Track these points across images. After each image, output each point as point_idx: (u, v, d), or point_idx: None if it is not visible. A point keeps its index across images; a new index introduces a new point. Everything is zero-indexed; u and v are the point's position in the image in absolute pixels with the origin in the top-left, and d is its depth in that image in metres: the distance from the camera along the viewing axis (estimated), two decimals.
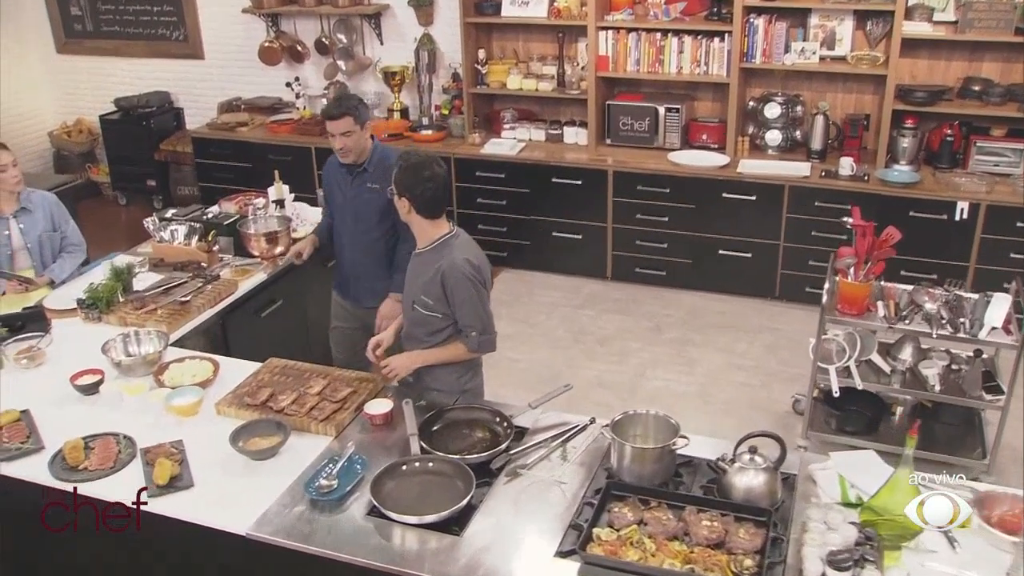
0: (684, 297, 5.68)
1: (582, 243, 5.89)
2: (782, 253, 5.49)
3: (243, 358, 3.68)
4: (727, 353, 5.05)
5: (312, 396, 3.00)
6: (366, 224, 3.63)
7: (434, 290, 2.95)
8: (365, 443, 2.83)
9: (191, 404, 2.97)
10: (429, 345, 3.06)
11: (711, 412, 4.53)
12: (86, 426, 2.91)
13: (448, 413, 2.93)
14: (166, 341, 3.31)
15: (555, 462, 2.76)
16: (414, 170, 2.87)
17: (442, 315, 2.98)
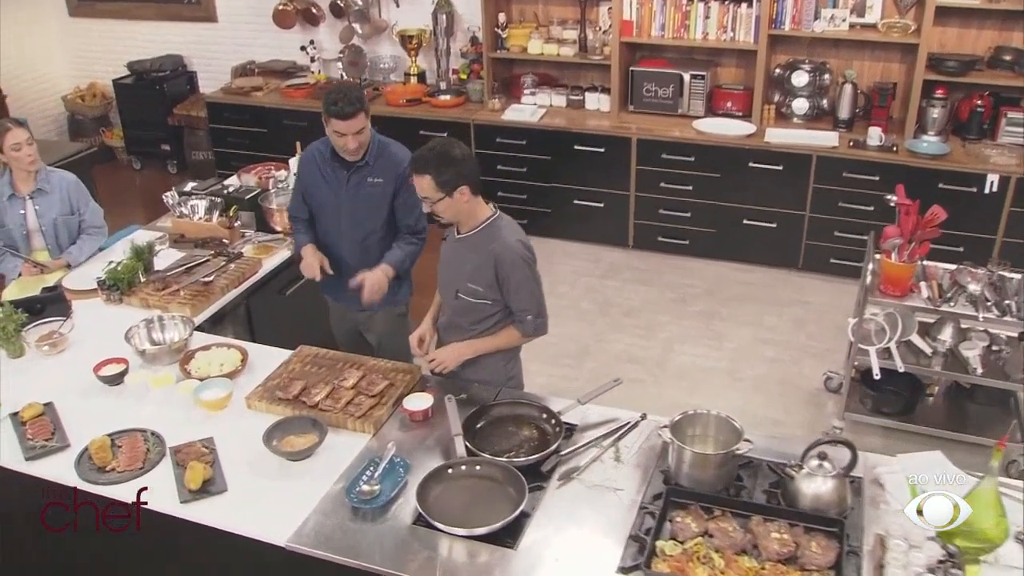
0: (707, 267, 5.40)
1: (603, 211, 5.59)
2: (807, 224, 5.19)
3: (267, 339, 3.46)
4: (755, 327, 4.78)
5: (347, 390, 2.74)
6: (367, 223, 3.17)
7: (485, 276, 2.68)
8: (405, 442, 2.58)
9: (221, 399, 2.71)
10: (476, 334, 2.80)
11: (741, 389, 4.27)
12: (111, 420, 2.67)
13: (493, 409, 2.67)
14: (191, 328, 3.03)
15: (608, 463, 2.51)
16: (448, 157, 2.55)
17: (492, 301, 2.72)
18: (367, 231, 3.18)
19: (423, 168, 2.55)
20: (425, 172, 2.55)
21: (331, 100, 2.93)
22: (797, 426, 4.00)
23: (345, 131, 2.97)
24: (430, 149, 2.56)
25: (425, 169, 2.54)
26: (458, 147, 2.58)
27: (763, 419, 4.04)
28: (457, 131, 5.61)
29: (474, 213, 2.64)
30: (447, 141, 2.60)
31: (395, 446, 2.51)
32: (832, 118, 5.31)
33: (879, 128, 5.03)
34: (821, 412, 4.11)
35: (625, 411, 2.72)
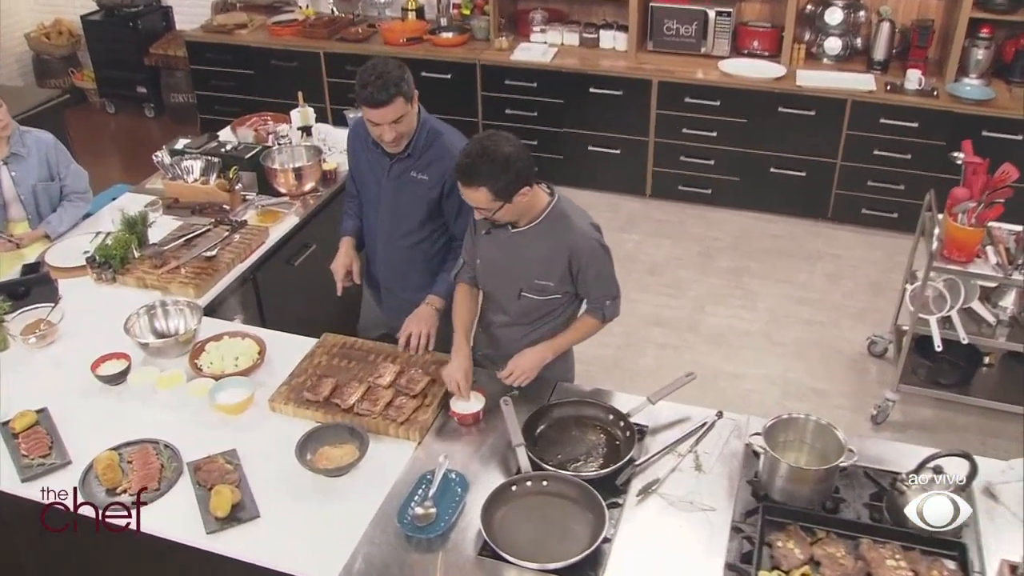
0: (731, 218, 5.07)
1: (620, 158, 5.21)
2: (838, 172, 4.86)
3: (278, 317, 3.16)
4: (787, 284, 4.49)
5: (384, 389, 2.39)
6: (404, 223, 2.70)
7: (556, 269, 2.35)
8: (455, 452, 2.26)
9: (241, 403, 2.36)
10: (545, 330, 2.48)
11: (780, 355, 4.00)
12: (115, 429, 2.31)
13: (553, 411, 2.36)
14: (199, 315, 2.64)
15: (688, 473, 2.21)
16: (500, 161, 2.13)
17: (563, 294, 2.41)
18: (402, 231, 2.73)
19: (474, 180, 2.15)
20: (478, 184, 2.15)
21: (361, 82, 2.41)
22: (843, 396, 3.74)
23: (378, 120, 2.47)
24: (478, 156, 2.14)
25: (477, 181, 2.15)
26: (506, 142, 2.16)
27: (806, 389, 3.78)
28: (463, 72, 5.17)
29: (533, 205, 2.29)
30: (492, 140, 2.16)
31: (447, 459, 2.18)
32: (866, 59, 4.93)
33: (918, 70, 4.65)
34: (866, 379, 3.85)
35: (698, 408, 2.41)
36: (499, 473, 2.19)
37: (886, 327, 3.97)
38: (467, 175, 2.15)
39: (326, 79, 5.49)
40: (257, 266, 3.12)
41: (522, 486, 2.10)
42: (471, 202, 2.23)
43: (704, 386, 3.69)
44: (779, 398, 3.71)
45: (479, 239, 2.43)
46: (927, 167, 4.61)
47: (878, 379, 3.81)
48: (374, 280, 2.92)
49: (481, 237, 2.41)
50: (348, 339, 2.65)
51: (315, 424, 2.31)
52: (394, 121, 2.48)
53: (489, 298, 2.52)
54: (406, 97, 2.48)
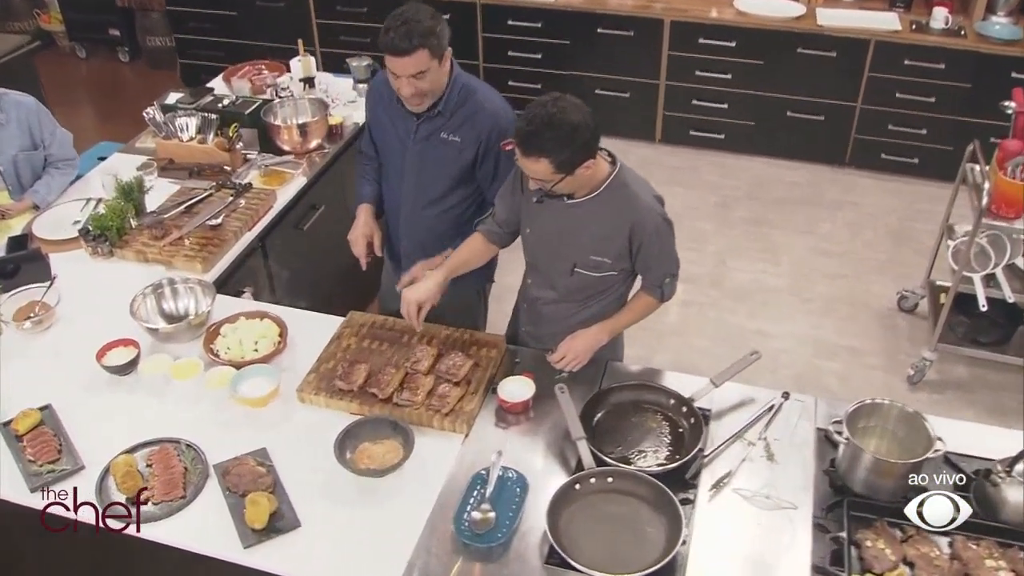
0: (746, 164, 4.86)
1: (629, 102, 4.94)
2: (858, 116, 4.63)
3: (290, 287, 2.96)
4: (810, 236, 4.31)
5: (424, 376, 2.18)
6: (431, 189, 2.45)
7: (615, 245, 2.14)
8: (507, 444, 2.06)
9: (266, 395, 2.14)
10: (594, 309, 2.28)
11: (809, 311, 3.84)
12: (128, 427, 2.09)
13: (610, 396, 2.17)
14: (212, 294, 2.40)
15: (760, 463, 2.04)
16: (567, 129, 1.88)
17: (619, 271, 2.21)
18: (429, 198, 2.48)
19: (535, 150, 1.91)
20: (540, 155, 1.91)
21: (385, 26, 2.16)
22: (875, 354, 3.59)
23: (397, 71, 2.21)
24: (543, 124, 1.88)
25: (538, 151, 1.91)
26: (575, 110, 1.90)
27: (837, 347, 3.63)
28: (462, 12, 4.84)
29: (594, 176, 2.05)
30: (559, 106, 1.89)
31: (502, 454, 1.99)
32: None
33: (944, 8, 4.40)
34: (897, 336, 3.70)
35: (762, 390, 2.22)
36: (558, 469, 2.01)
37: (912, 280, 3.82)
38: (528, 144, 1.92)
39: (315, 20, 5.12)
40: (265, 233, 2.87)
41: (586, 484, 1.92)
42: (528, 171, 2.00)
43: (733, 345, 3.55)
44: (811, 357, 3.56)
45: (529, 207, 2.20)
46: (952, 111, 4.41)
47: (909, 336, 3.66)
48: (395, 251, 2.68)
49: (531, 205, 2.18)
50: (377, 318, 2.42)
51: (351, 417, 2.10)
52: (414, 75, 2.22)
53: (536, 272, 2.32)
54: (433, 51, 2.20)
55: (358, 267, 2.61)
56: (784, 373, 3.47)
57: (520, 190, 2.20)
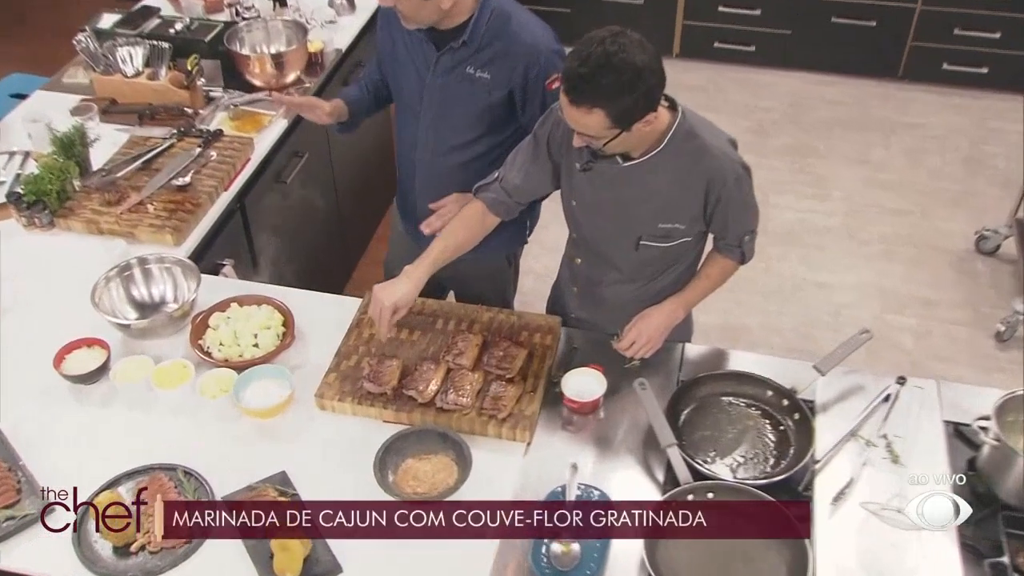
0: (781, 81, 4.70)
1: (642, 9, 4.76)
2: (917, 19, 4.46)
3: (276, 255, 2.79)
4: (862, 165, 4.18)
5: (471, 372, 2.02)
6: (458, 135, 2.28)
7: (688, 207, 1.99)
8: (578, 453, 1.92)
9: (278, 404, 1.96)
10: (664, 282, 2.15)
11: (869, 256, 3.74)
12: (106, 452, 1.90)
13: (695, 389, 2.04)
14: (196, 277, 2.18)
15: (883, 468, 1.91)
16: (629, 72, 1.68)
17: (693, 237, 2.08)
18: (451, 145, 2.29)
19: (589, 99, 1.72)
20: (593, 105, 1.72)
21: None
22: (955, 307, 3.51)
23: None
24: (600, 66, 1.67)
25: (592, 100, 1.72)
26: (639, 48, 1.71)
27: (909, 299, 3.54)
28: None
29: (654, 130, 1.86)
30: (619, 43, 1.69)
31: (577, 467, 1.81)
32: None
33: None
34: (979, 284, 3.62)
35: (868, 374, 2.10)
36: (644, 484, 1.88)
37: (992, 216, 3.72)
38: (580, 91, 1.72)
39: None
40: (244, 191, 2.65)
41: (683, 503, 1.78)
42: (576, 125, 1.81)
43: (786, 299, 3.45)
44: (879, 312, 3.47)
45: (572, 174, 2.02)
46: None
47: (992, 283, 3.58)
48: (410, 207, 2.48)
49: (575, 173, 2.00)
50: None
51: (384, 426, 1.94)
52: None
53: (588, 250, 2.17)
54: None
55: (351, 226, 2.44)
56: (848, 333, 3.27)
57: (547, 152, 2.03)
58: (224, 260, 2.52)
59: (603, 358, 2.08)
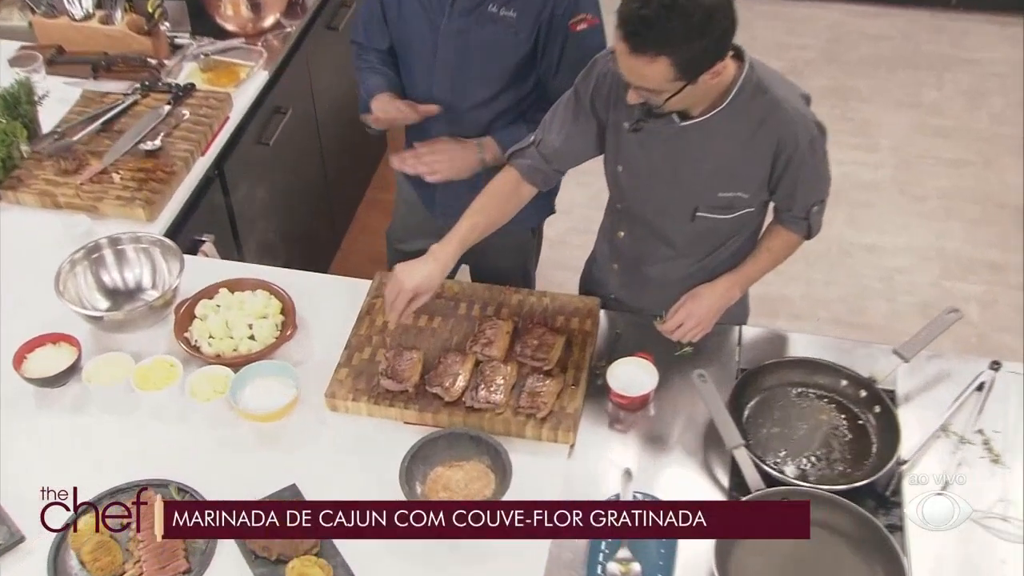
0: (815, 14, 4.72)
1: None
2: None
3: (255, 222, 2.81)
4: (912, 108, 4.18)
5: (503, 364, 1.98)
6: (481, 88, 2.23)
7: (754, 175, 1.96)
8: (630, 456, 1.91)
9: (283, 407, 1.92)
10: (720, 258, 2.13)
11: (924, 213, 3.75)
12: (81, 467, 1.86)
13: (760, 378, 2.01)
14: (179, 260, 2.13)
15: (980, 468, 1.89)
16: (697, 9, 1.63)
17: (756, 208, 2.05)
18: (473, 100, 2.24)
19: (653, 45, 1.66)
20: (658, 52, 1.67)
21: None
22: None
23: None
24: (666, 7, 1.61)
25: (657, 46, 1.66)
26: None
27: (974, 263, 3.57)
28: None
29: (719, 83, 1.82)
30: None
31: (630, 473, 1.82)
32: None
33: None
34: None
35: (961, 361, 2.08)
36: (708, 489, 1.86)
37: None
38: (643, 37, 1.66)
39: None
40: (222, 155, 2.61)
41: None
42: (634, 77, 1.75)
43: (833, 265, 3.47)
44: (937, 279, 3.49)
45: (619, 135, 1.98)
46: None
47: None
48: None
49: (622, 133, 1.96)
50: None
51: (406, 429, 1.92)
52: None
53: (635, 222, 2.14)
54: None
55: (338, 190, 2.54)
56: (904, 302, 3.38)
57: (591, 110, 1.99)
58: (203, 236, 2.48)
59: (651, 344, 2.06)
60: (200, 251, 2.43)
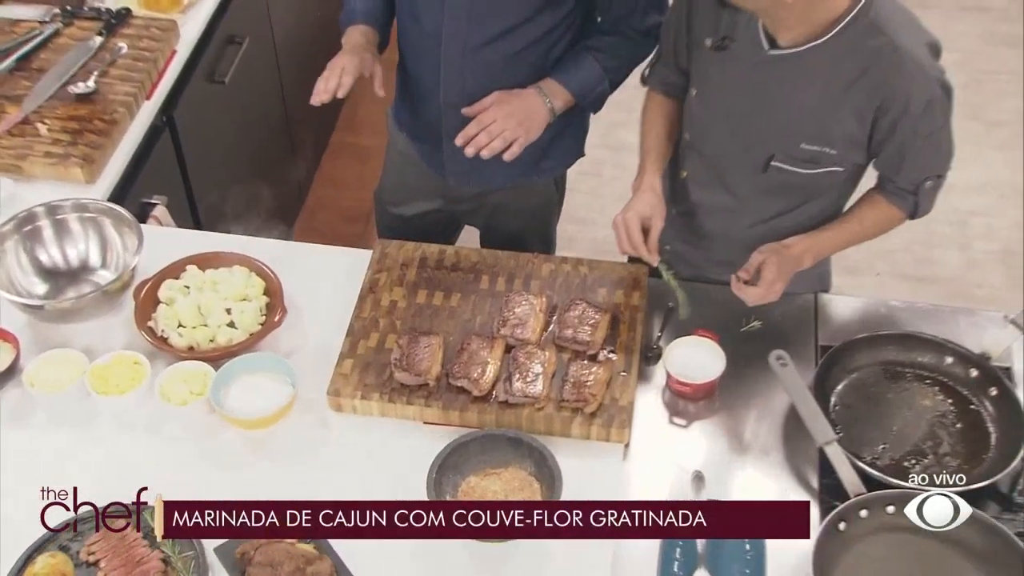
0: None
1: None
2: None
3: (210, 177, 2.83)
4: (978, 14, 4.26)
5: (540, 351, 1.97)
6: (505, 15, 2.18)
7: (849, 130, 1.97)
8: (700, 457, 1.92)
9: (278, 410, 1.92)
10: (787, 224, 2.14)
11: (1000, 143, 3.79)
12: (31, 492, 1.81)
13: (848, 356, 2.03)
14: (137, 232, 2.11)
15: None
16: None
17: (847, 169, 2.06)
18: (491, 31, 2.19)
19: None
20: None
21: None
22: None
23: None
24: None
25: None
26: None
27: None
28: None
29: (831, 7, 1.84)
30: None
31: (703, 478, 1.84)
32: None
33: None
34: None
35: None
36: (793, 491, 1.88)
37: None
38: None
39: None
40: (171, 98, 2.62)
41: (857, 523, 1.78)
42: None
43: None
44: (1021, 220, 3.47)
45: (700, 52, 2.01)
46: None
47: None
48: (428, 121, 2.40)
49: (703, 51, 1.99)
50: (427, 249, 2.21)
51: (429, 431, 1.93)
52: None
53: (702, 163, 2.15)
54: None
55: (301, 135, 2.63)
56: (981, 250, 3.41)
57: (686, 21, 2.03)
58: (154, 198, 2.49)
59: (712, 318, 2.06)
60: (151, 217, 2.44)
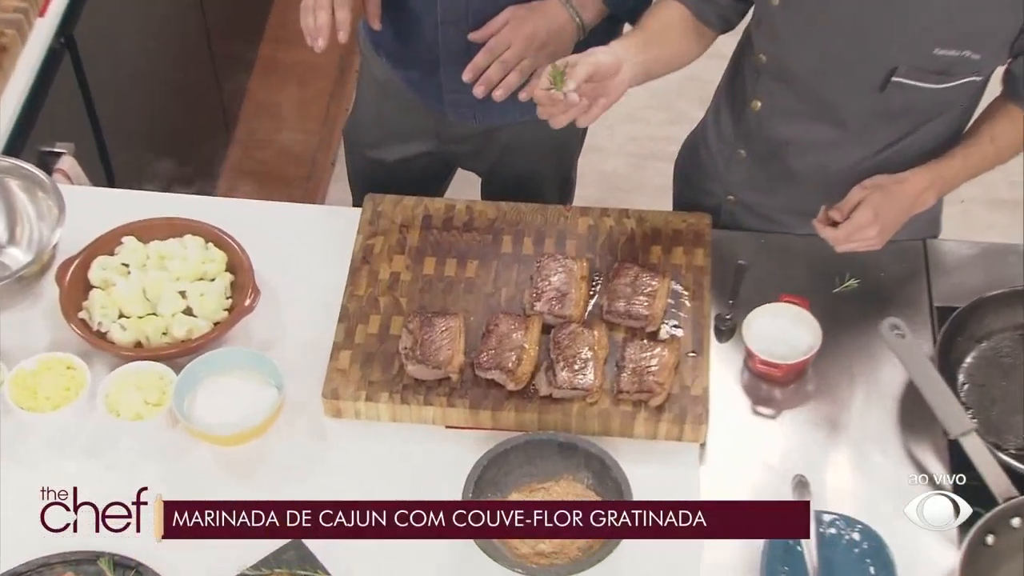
0: None
1: None
2: None
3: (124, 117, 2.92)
4: None
5: (587, 331, 1.97)
6: None
7: (1002, 24, 1.98)
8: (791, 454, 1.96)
9: (261, 422, 1.91)
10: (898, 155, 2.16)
11: None
12: None
13: (972, 321, 2.08)
14: (57, 201, 2.11)
15: None
16: None
17: (984, 76, 2.08)
18: None
19: None
20: None
21: None
22: None
23: None
24: None
25: None
26: None
27: None
28: None
29: None
30: None
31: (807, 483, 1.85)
32: None
33: None
34: None
35: None
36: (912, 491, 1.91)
37: None
38: None
39: None
40: (69, 14, 2.64)
41: (1007, 533, 1.83)
42: None
43: None
44: None
45: None
46: None
47: None
48: (413, 43, 2.42)
49: None
50: (431, 202, 2.23)
51: (452, 436, 1.96)
52: None
53: (790, 88, 2.17)
54: None
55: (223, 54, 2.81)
56: None
57: None
58: (57, 146, 2.50)
59: (798, 279, 2.10)
60: (55, 171, 2.41)
